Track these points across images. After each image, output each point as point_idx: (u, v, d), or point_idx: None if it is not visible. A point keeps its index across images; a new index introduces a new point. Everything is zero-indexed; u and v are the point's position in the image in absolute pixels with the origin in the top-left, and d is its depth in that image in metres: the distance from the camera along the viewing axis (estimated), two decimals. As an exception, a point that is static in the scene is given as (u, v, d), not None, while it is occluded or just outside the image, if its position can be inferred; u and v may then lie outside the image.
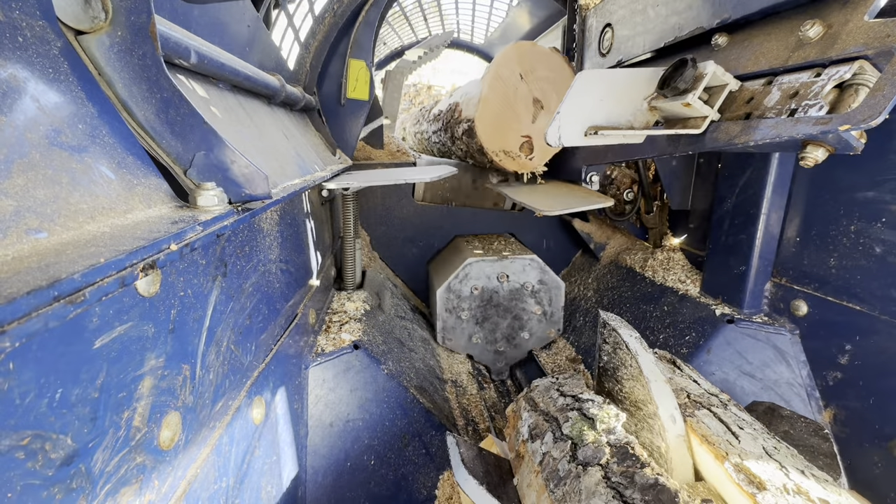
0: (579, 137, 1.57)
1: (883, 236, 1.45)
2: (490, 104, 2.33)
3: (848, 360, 1.57)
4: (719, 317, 1.89)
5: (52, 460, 0.50)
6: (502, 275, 2.65)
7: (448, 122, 2.82)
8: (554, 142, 1.55)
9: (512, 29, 4.34)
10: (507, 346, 2.76)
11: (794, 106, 1.16)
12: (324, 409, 1.64)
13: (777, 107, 1.22)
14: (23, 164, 0.53)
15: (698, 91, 1.33)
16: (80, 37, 0.69)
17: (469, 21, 4.86)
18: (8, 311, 0.39)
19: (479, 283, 2.63)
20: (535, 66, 2.35)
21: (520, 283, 2.68)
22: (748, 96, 1.34)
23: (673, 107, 1.44)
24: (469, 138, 2.48)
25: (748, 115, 1.31)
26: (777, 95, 1.24)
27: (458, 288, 2.62)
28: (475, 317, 2.68)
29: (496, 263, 2.62)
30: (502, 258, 2.63)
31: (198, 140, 0.83)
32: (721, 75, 1.34)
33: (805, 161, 1.15)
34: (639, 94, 1.56)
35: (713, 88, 1.40)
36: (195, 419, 0.83)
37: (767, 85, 1.30)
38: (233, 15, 1.44)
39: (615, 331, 1.32)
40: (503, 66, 2.31)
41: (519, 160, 2.47)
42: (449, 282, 2.60)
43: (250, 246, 1.15)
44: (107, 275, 0.51)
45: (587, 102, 1.54)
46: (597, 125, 1.56)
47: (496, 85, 2.32)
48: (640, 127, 1.57)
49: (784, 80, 1.25)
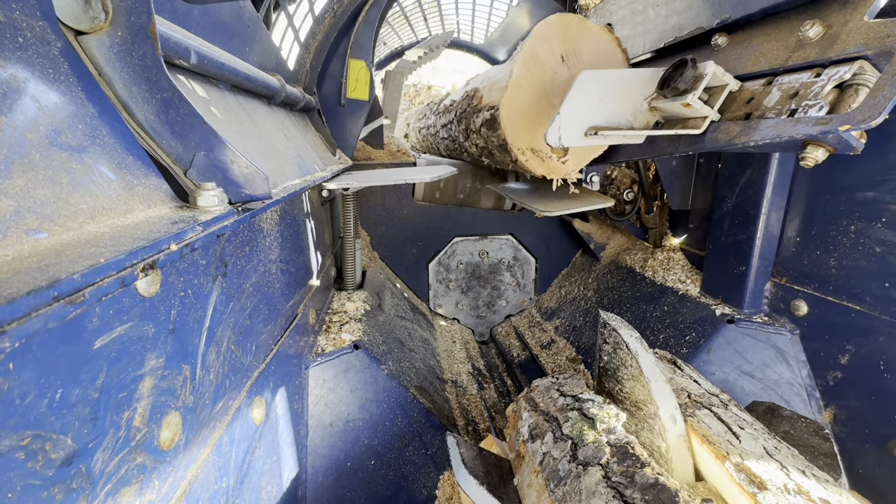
0: (579, 138, 1.57)
1: (883, 236, 1.45)
2: (521, 90, 1.84)
3: (848, 360, 1.57)
4: (719, 317, 1.89)
5: (52, 460, 0.50)
6: (483, 251, 3.24)
7: (464, 111, 2.34)
8: (554, 142, 1.55)
9: (512, 29, 4.34)
10: (488, 311, 3.36)
11: (794, 106, 1.16)
12: (324, 409, 1.64)
13: (777, 107, 1.22)
14: (23, 164, 0.53)
15: (698, 91, 1.33)
16: (80, 37, 0.69)
17: (469, 21, 4.86)
18: (8, 311, 0.39)
19: (463, 258, 3.22)
20: (581, 46, 1.84)
21: (497, 259, 3.27)
22: (748, 96, 1.33)
23: (673, 107, 1.44)
24: (490, 131, 2.01)
25: (748, 115, 1.30)
26: (777, 96, 1.24)
27: (447, 262, 3.21)
28: (461, 287, 3.27)
29: (478, 242, 3.22)
30: (483, 238, 3.22)
31: (198, 140, 0.83)
32: (721, 75, 1.34)
33: (805, 161, 1.15)
34: (639, 95, 1.55)
35: (713, 89, 1.40)
36: (195, 419, 0.83)
37: (767, 85, 1.30)
38: (233, 15, 1.44)
39: (615, 331, 1.32)
40: (541, 44, 1.80)
41: (550, 162, 1.99)
42: (439, 257, 3.16)
43: (250, 246, 1.15)
44: (107, 275, 0.51)
45: (587, 102, 1.54)
46: (597, 125, 1.56)
47: (531, 66, 1.82)
48: (640, 127, 1.57)
49: (784, 80, 1.25)
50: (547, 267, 3.36)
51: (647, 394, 1.16)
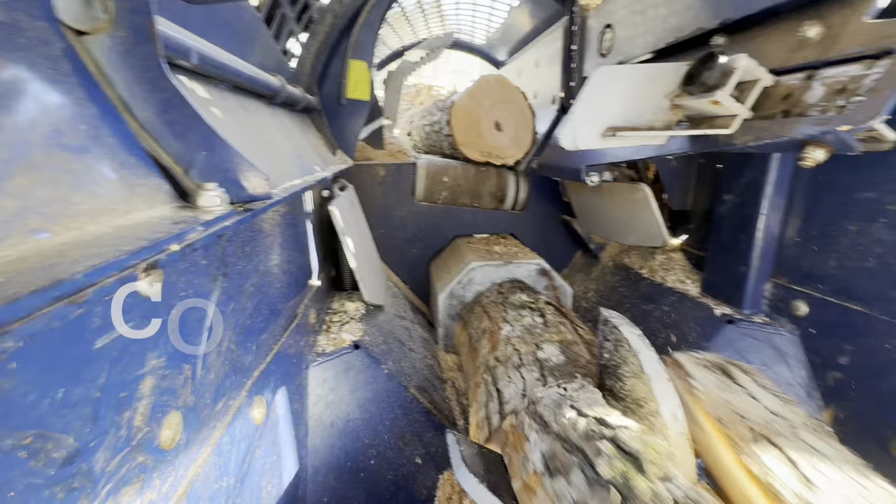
0: (597, 140, 1.48)
1: (883, 236, 1.45)
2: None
3: (848, 360, 1.57)
4: (719, 317, 1.89)
5: (53, 459, 0.50)
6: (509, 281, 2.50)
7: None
8: (569, 145, 1.46)
9: (512, 29, 4.34)
10: None
11: (841, 102, 1.08)
12: (324, 408, 1.64)
13: (821, 104, 1.11)
14: (25, 164, 0.53)
15: (729, 87, 1.23)
16: (80, 37, 0.69)
17: (470, 21, 4.86)
18: (10, 311, 0.39)
19: (482, 288, 2.46)
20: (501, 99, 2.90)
21: None
22: (785, 92, 1.23)
23: (700, 104, 1.34)
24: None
25: (786, 112, 1.20)
26: (820, 91, 1.13)
27: (462, 294, 2.47)
28: None
29: (501, 269, 2.46)
30: (507, 262, 2.48)
31: (199, 140, 0.84)
32: (754, 69, 1.24)
33: (805, 161, 1.15)
34: (660, 92, 1.46)
35: (744, 84, 1.29)
36: (196, 419, 0.83)
37: (807, 80, 1.19)
38: (234, 15, 1.44)
39: (616, 328, 1.32)
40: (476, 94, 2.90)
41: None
42: (451, 287, 2.45)
43: (251, 246, 1.15)
44: (108, 275, 0.51)
45: (603, 101, 1.45)
46: (615, 126, 1.46)
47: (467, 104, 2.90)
48: (660, 127, 1.47)
49: (826, 73, 1.15)
50: None
51: (648, 391, 1.16)
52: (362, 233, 2.47)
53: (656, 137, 1.53)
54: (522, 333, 1.82)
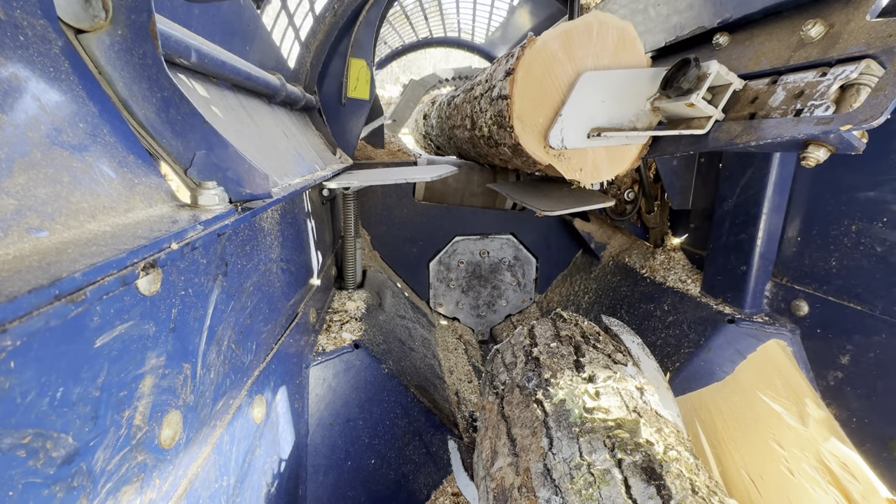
0: (582, 140, 1.56)
1: (884, 236, 1.45)
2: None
3: (848, 360, 1.57)
4: (720, 316, 1.89)
5: (53, 459, 0.50)
6: (483, 251, 3.23)
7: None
8: (556, 144, 1.55)
9: (513, 29, 4.34)
10: (488, 311, 3.36)
11: (799, 106, 1.16)
12: (324, 408, 1.64)
13: (782, 107, 1.21)
14: (24, 162, 0.53)
15: (702, 91, 1.33)
16: (80, 36, 0.69)
17: (470, 20, 4.86)
18: (9, 309, 0.39)
19: (464, 257, 3.21)
20: None
21: (498, 258, 3.26)
22: (752, 96, 1.33)
23: (676, 107, 1.43)
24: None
25: (752, 114, 1.30)
26: (782, 95, 1.23)
27: (448, 261, 3.19)
28: (461, 286, 3.27)
29: (479, 241, 3.21)
30: (483, 237, 3.21)
31: (198, 139, 0.83)
32: (725, 75, 1.34)
33: (806, 161, 1.15)
34: (641, 95, 1.55)
35: (717, 88, 1.39)
36: (196, 418, 0.83)
37: (772, 84, 1.29)
38: (233, 14, 1.44)
39: (617, 336, 1.32)
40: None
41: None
42: (439, 256, 3.15)
43: (251, 245, 1.15)
44: (108, 274, 0.51)
45: (590, 104, 1.53)
46: (599, 127, 1.55)
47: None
48: (643, 128, 1.56)
49: (789, 79, 1.24)
50: (547, 267, 3.36)
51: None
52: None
53: (639, 137, 1.61)
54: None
